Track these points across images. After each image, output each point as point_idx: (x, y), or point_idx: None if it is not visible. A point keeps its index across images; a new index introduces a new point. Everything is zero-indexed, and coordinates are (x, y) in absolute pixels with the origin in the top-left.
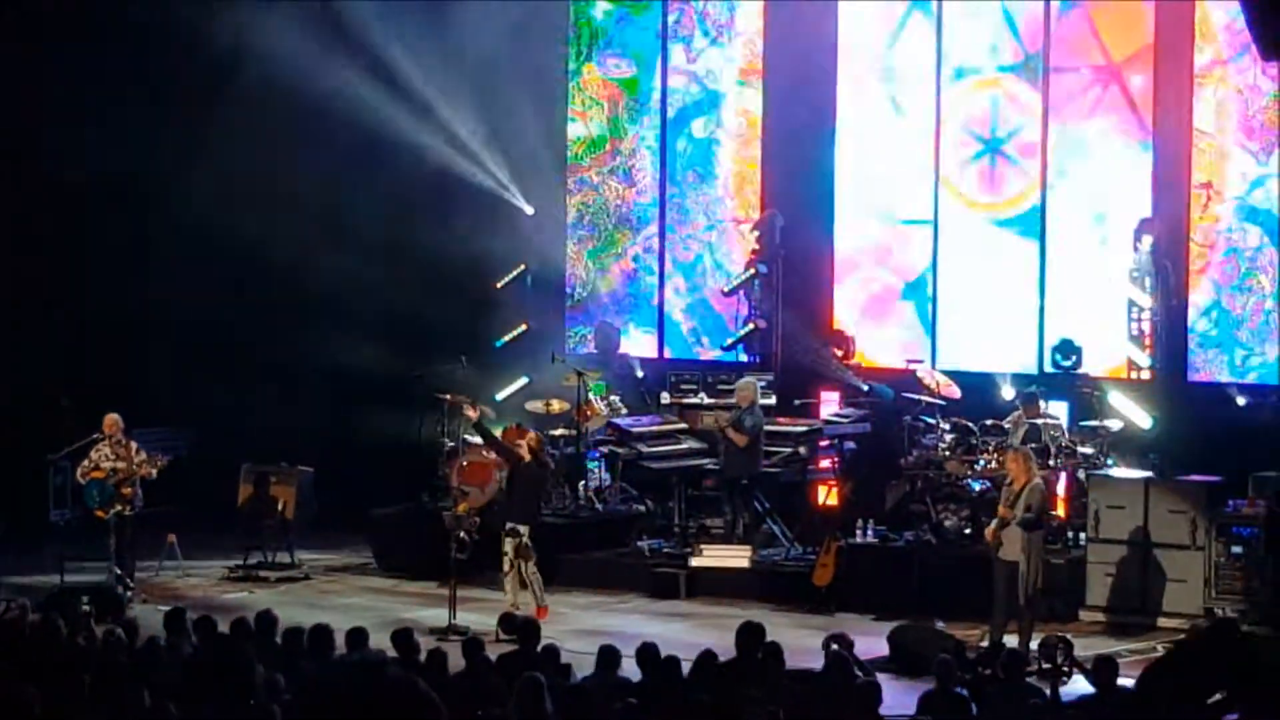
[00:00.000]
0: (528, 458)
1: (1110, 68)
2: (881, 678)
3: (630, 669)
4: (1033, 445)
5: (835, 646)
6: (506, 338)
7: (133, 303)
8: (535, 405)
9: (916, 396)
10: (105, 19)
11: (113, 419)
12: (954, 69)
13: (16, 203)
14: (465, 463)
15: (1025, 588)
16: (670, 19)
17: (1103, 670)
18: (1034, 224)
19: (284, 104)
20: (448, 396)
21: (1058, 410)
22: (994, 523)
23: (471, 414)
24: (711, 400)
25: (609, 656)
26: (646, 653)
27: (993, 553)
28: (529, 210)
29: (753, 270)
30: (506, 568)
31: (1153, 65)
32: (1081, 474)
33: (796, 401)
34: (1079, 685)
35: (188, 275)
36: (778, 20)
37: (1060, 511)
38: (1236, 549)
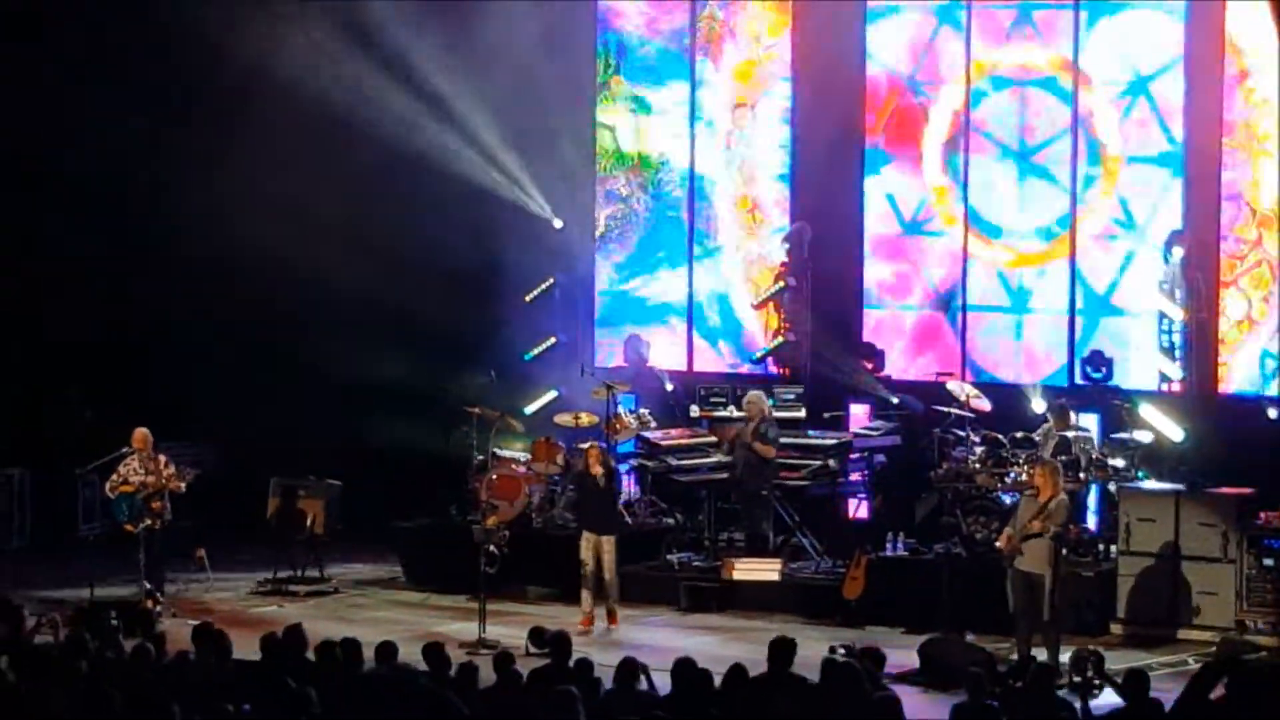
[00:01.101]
0: (594, 474)
1: (1140, 79)
2: (912, 691)
3: (658, 682)
4: (1063, 458)
5: (843, 653)
6: (535, 351)
7: (160, 316)
8: (564, 418)
9: (946, 409)
10: (126, 31)
11: (142, 434)
12: (984, 79)
13: (41, 217)
14: (494, 476)
15: (1049, 601)
16: (699, 31)
17: (1133, 684)
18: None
19: (310, 115)
20: (477, 410)
21: (1088, 423)
22: (1013, 532)
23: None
24: (741, 413)
25: (628, 669)
26: (682, 668)
27: (1007, 563)
28: (558, 224)
29: (782, 283)
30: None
31: (1183, 76)
32: (1112, 487)
33: (826, 414)
34: (1109, 699)
35: (217, 288)
36: (806, 32)
37: (1090, 524)
38: (1268, 561)
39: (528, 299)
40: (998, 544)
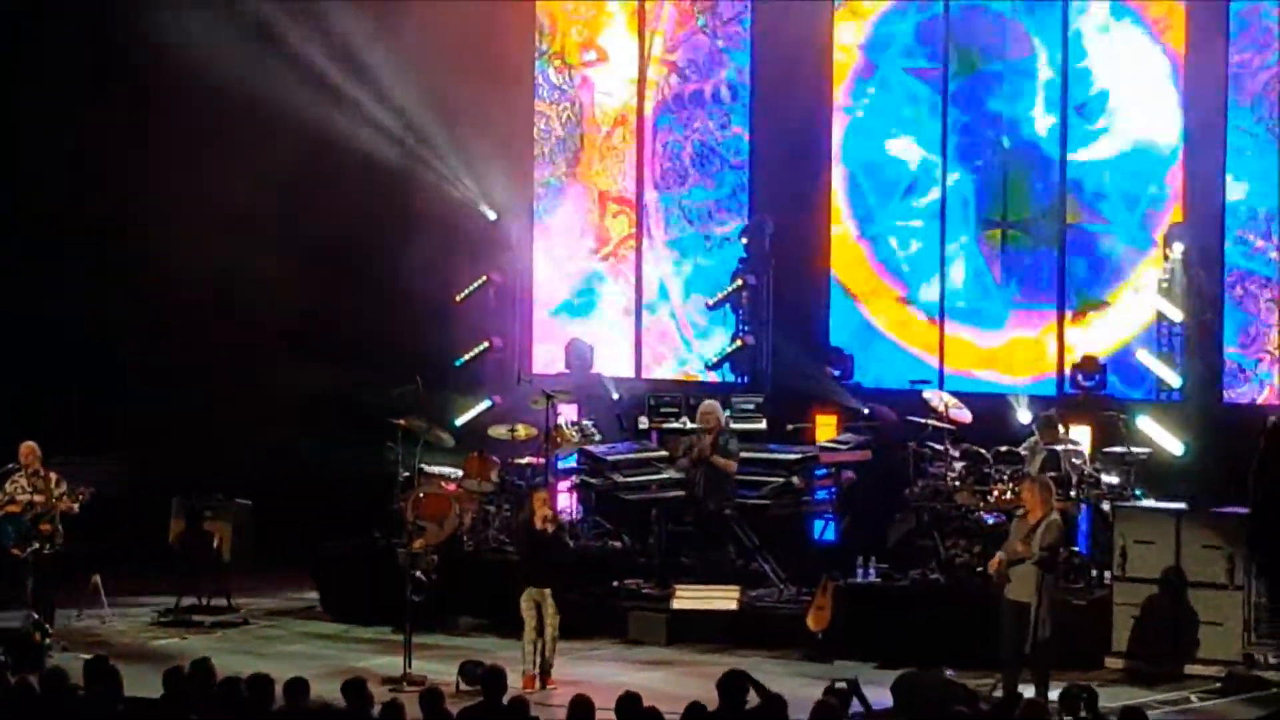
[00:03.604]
0: (542, 527)
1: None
2: None
3: None
4: (1052, 474)
5: (843, 685)
6: (467, 356)
7: (51, 323)
8: (499, 431)
9: (923, 420)
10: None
11: (29, 448)
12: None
13: None
14: (421, 495)
15: (1034, 632)
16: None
17: None
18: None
19: (233, 110)
20: (403, 422)
21: (1079, 435)
22: (1000, 555)
23: None
24: (695, 425)
25: (582, 708)
26: (627, 705)
27: (996, 590)
28: (491, 216)
29: (740, 281)
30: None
31: (1183, 57)
32: (1106, 506)
33: (789, 426)
34: None
35: (114, 295)
36: (769, 15)
37: (1080, 548)
38: None
39: (459, 299)
40: (989, 569)
